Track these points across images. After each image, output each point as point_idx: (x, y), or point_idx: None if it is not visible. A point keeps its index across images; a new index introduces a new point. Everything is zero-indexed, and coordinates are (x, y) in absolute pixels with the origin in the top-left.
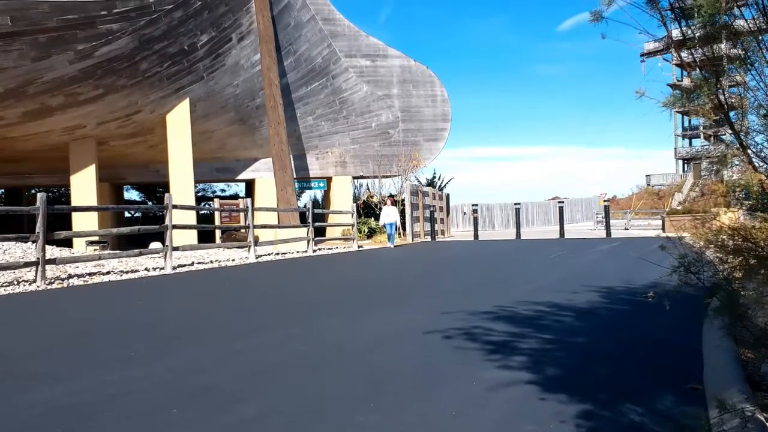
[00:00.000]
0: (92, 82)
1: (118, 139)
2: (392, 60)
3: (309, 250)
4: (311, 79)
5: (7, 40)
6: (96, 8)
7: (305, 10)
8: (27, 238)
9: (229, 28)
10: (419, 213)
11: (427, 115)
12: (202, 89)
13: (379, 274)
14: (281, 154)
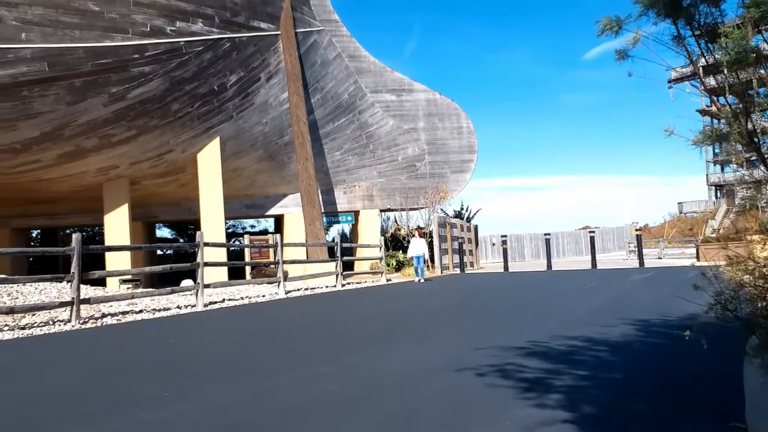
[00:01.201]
0: (125, 123)
1: (150, 178)
2: (417, 94)
3: (338, 284)
4: (338, 115)
5: (44, 86)
6: (129, 52)
7: (331, 48)
8: (62, 278)
9: (257, 68)
10: (447, 245)
11: (453, 147)
12: (231, 128)
13: (408, 308)
14: (309, 190)
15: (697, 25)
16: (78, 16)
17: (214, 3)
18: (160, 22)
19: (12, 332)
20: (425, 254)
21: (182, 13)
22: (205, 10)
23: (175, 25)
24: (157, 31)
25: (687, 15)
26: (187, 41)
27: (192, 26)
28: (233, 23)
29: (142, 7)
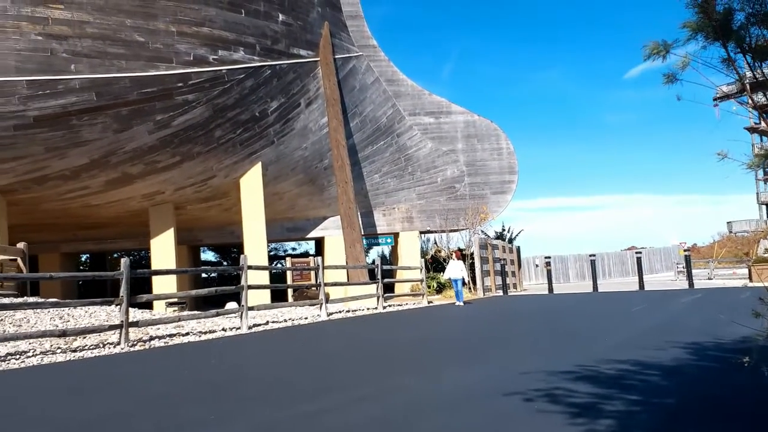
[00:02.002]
0: (170, 150)
1: (194, 203)
2: (456, 116)
3: (379, 306)
4: (377, 138)
5: (92, 115)
6: (173, 80)
7: (369, 73)
8: (111, 301)
9: (297, 94)
10: (489, 267)
11: (493, 168)
12: (273, 153)
13: (450, 331)
14: (349, 212)
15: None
16: (124, 47)
17: (255, 32)
18: (202, 51)
19: (64, 355)
20: (464, 276)
21: (224, 41)
22: (246, 39)
23: (217, 54)
24: (200, 60)
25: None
26: (229, 69)
27: (234, 54)
28: (274, 51)
29: (186, 37)
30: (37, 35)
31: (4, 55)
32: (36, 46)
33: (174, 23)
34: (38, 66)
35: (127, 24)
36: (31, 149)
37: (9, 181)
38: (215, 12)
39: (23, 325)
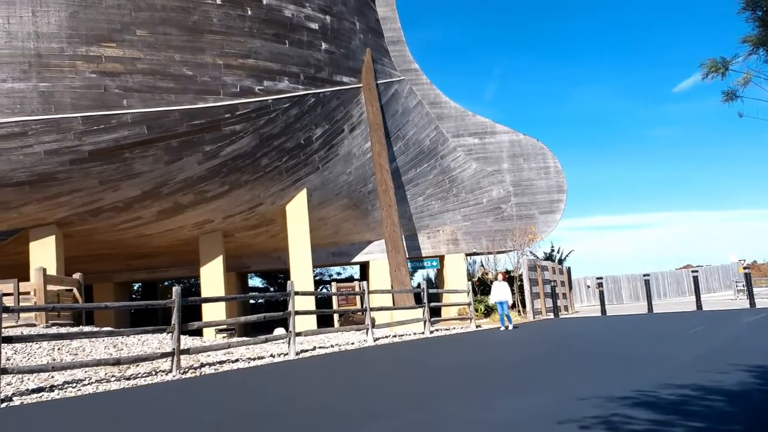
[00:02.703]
0: (218, 179)
1: (242, 230)
2: (500, 136)
3: (426, 331)
4: (420, 161)
5: (144, 147)
6: (221, 112)
7: (412, 97)
8: (163, 329)
9: (341, 120)
10: (539, 289)
11: (540, 187)
12: (317, 179)
13: (500, 356)
14: (394, 236)
15: None
16: (173, 81)
17: (299, 61)
18: (248, 82)
19: (118, 383)
20: (509, 299)
21: (269, 72)
22: (290, 69)
23: (262, 85)
24: (247, 91)
25: None
26: (275, 99)
27: (278, 84)
28: (317, 79)
29: (232, 69)
30: (91, 73)
31: (61, 93)
32: (90, 84)
33: (221, 56)
34: (92, 102)
35: (176, 59)
36: (87, 182)
37: (65, 213)
38: (260, 44)
39: (79, 353)
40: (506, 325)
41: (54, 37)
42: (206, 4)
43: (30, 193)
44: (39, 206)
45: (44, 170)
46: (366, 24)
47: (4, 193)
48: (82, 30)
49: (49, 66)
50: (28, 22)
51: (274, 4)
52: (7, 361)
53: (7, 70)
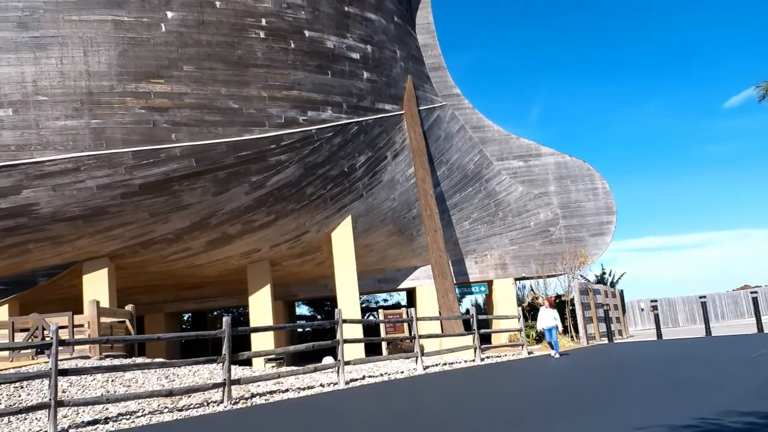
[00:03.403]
0: (265, 209)
1: (289, 259)
2: (546, 158)
3: (476, 358)
4: (465, 185)
5: (192, 179)
6: (266, 143)
7: (454, 122)
8: (214, 359)
9: (384, 147)
10: (592, 313)
11: (589, 209)
12: (362, 206)
13: (554, 382)
14: (440, 261)
15: None
16: (220, 114)
17: (342, 91)
18: (293, 113)
19: (171, 414)
20: (558, 325)
21: (313, 103)
22: (333, 98)
23: (306, 115)
24: (291, 122)
25: None
26: (318, 128)
27: (322, 114)
28: (359, 107)
29: (276, 101)
30: (141, 109)
31: (112, 129)
32: (140, 119)
33: (265, 89)
34: (142, 137)
35: (222, 92)
36: (137, 215)
37: (117, 246)
38: (303, 75)
39: (132, 385)
40: (555, 353)
41: (104, 75)
42: (250, 39)
43: (83, 227)
44: (92, 239)
45: (97, 204)
46: (407, 52)
47: (58, 228)
48: (131, 67)
49: (100, 103)
50: (80, 61)
51: (316, 36)
52: (63, 394)
53: (60, 108)
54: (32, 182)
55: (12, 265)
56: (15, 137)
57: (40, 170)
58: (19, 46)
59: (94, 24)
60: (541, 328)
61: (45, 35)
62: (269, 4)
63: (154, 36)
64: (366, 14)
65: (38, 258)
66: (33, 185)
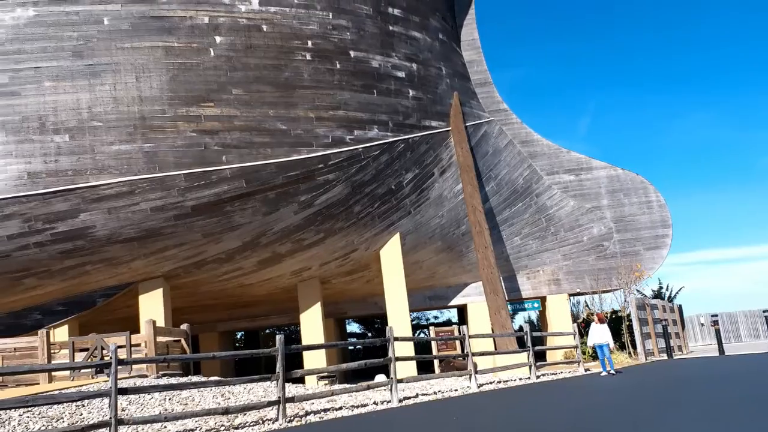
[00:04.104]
0: (314, 228)
1: (338, 277)
2: (597, 171)
3: (532, 376)
4: (514, 200)
5: (242, 200)
6: (314, 162)
7: (502, 137)
8: (268, 377)
9: (430, 164)
10: (650, 329)
11: (643, 222)
12: (410, 223)
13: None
14: (491, 278)
15: None
16: (269, 136)
17: (388, 109)
18: (339, 132)
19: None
20: (610, 342)
21: (359, 122)
22: (379, 117)
23: (353, 134)
24: (338, 141)
25: None
26: (365, 147)
27: (368, 133)
28: (406, 125)
29: (323, 121)
30: (192, 132)
31: (165, 153)
32: (191, 142)
33: (312, 109)
34: (193, 160)
35: (270, 114)
36: (191, 236)
37: (172, 267)
38: (349, 95)
39: (189, 403)
40: (608, 370)
41: (156, 100)
42: (297, 61)
43: (138, 248)
44: (147, 261)
45: (151, 226)
46: (452, 68)
47: (114, 250)
48: (182, 92)
49: (152, 127)
50: (133, 87)
51: (362, 56)
52: (123, 412)
53: (114, 133)
54: (89, 206)
55: (71, 287)
56: (72, 162)
57: (96, 194)
58: (74, 74)
59: (145, 51)
60: (592, 345)
61: (99, 63)
62: (315, 27)
63: (204, 61)
64: (411, 33)
65: (96, 279)
66: (90, 208)
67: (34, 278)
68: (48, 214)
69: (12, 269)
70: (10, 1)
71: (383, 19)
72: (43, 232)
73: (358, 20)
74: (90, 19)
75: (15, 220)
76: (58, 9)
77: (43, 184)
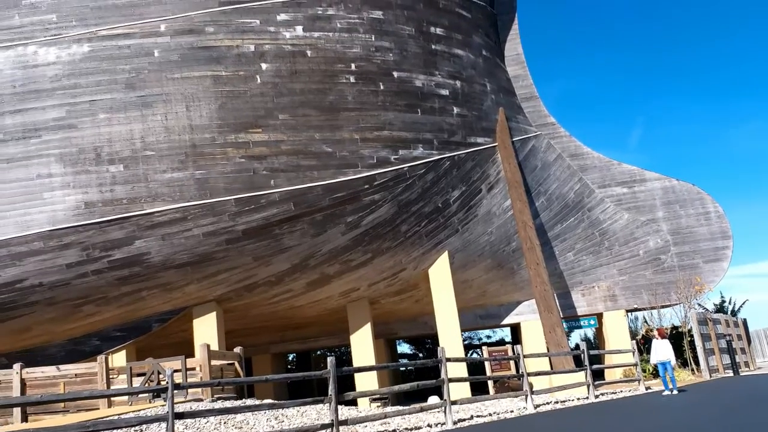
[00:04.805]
0: (361, 248)
1: (387, 297)
2: (651, 183)
3: (590, 395)
4: (565, 215)
5: (291, 223)
6: (360, 183)
7: (551, 151)
8: (321, 400)
9: (477, 181)
10: (713, 344)
11: (702, 234)
12: (458, 241)
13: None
14: (545, 295)
15: None
16: (315, 159)
17: (432, 127)
18: (384, 153)
19: None
20: (672, 359)
21: (403, 141)
22: (424, 136)
23: (398, 154)
24: (383, 161)
25: None
26: (410, 166)
27: (413, 152)
28: (451, 143)
29: (368, 142)
30: (241, 158)
31: (215, 179)
32: (240, 168)
33: (357, 131)
34: (243, 185)
35: (316, 138)
36: (242, 260)
37: (224, 290)
38: (393, 115)
39: (243, 426)
40: (670, 388)
41: (206, 128)
42: (341, 84)
43: (192, 273)
44: (200, 285)
45: (203, 251)
46: (497, 84)
47: (168, 275)
48: (231, 119)
49: (203, 155)
50: (183, 116)
51: (405, 76)
52: None
53: (166, 161)
54: (143, 233)
55: (128, 313)
56: (126, 191)
57: (151, 221)
58: (127, 105)
59: (194, 80)
60: (654, 362)
61: (150, 94)
62: (358, 49)
63: (251, 88)
64: (453, 51)
65: (151, 305)
66: (144, 235)
67: (92, 305)
68: (105, 242)
69: (71, 297)
70: (67, 38)
71: (426, 39)
72: (100, 259)
73: (401, 41)
74: (141, 51)
75: (74, 249)
76: (111, 44)
77: (99, 213)
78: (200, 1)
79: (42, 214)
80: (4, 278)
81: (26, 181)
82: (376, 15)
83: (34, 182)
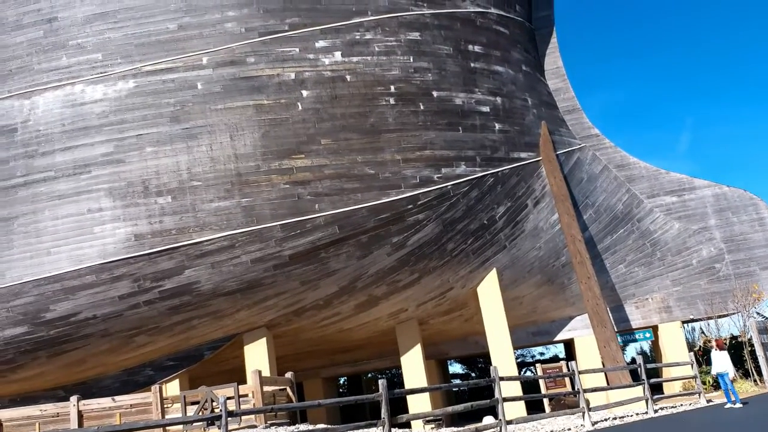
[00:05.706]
0: (408, 268)
1: (435, 317)
2: (701, 191)
3: (649, 410)
4: (615, 227)
5: (337, 246)
6: (403, 204)
7: (596, 163)
8: (374, 424)
9: (523, 196)
10: None
11: (757, 241)
12: (506, 257)
13: None
14: (597, 309)
15: None
16: (358, 182)
17: (474, 145)
18: (427, 172)
19: None
20: (731, 370)
21: (446, 159)
22: (466, 153)
23: (440, 172)
24: (426, 181)
25: None
26: (454, 184)
27: (456, 170)
28: (494, 159)
29: (410, 162)
30: (285, 184)
31: (261, 206)
32: (285, 194)
33: (399, 152)
34: (288, 210)
35: (358, 160)
36: (289, 285)
37: (273, 316)
38: (435, 134)
39: None
40: (733, 401)
41: (250, 157)
42: (381, 106)
43: (241, 299)
44: (250, 311)
45: (252, 277)
46: (538, 98)
47: (218, 303)
48: (274, 146)
49: (248, 183)
50: (228, 146)
51: (445, 95)
52: None
53: (213, 191)
54: (193, 262)
55: (179, 342)
56: (175, 222)
57: (200, 250)
58: (173, 138)
59: (237, 110)
60: (715, 373)
61: (195, 125)
62: (397, 71)
63: (293, 115)
64: (493, 67)
65: (202, 333)
66: (194, 265)
67: (144, 335)
68: (155, 273)
69: (124, 328)
70: (112, 76)
71: (464, 57)
72: (151, 290)
73: (439, 61)
74: (185, 85)
75: (125, 281)
76: (156, 78)
77: (149, 244)
78: (241, 33)
79: (93, 248)
80: (59, 312)
81: (77, 216)
82: (414, 36)
83: (84, 217)
